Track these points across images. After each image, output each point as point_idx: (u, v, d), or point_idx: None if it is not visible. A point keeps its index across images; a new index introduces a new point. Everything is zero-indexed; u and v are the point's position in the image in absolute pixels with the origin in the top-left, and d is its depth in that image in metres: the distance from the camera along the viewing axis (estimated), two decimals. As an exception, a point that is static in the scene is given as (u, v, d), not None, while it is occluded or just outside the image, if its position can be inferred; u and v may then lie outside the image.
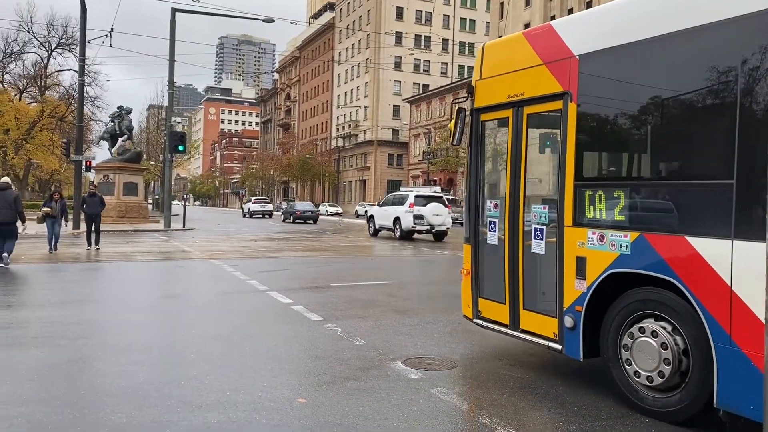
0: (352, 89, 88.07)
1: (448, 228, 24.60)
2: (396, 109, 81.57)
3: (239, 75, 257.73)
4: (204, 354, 6.39)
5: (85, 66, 31.40)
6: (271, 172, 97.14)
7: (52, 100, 47.64)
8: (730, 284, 4.13)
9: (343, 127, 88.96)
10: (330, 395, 5.12)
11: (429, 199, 24.87)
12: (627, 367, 4.90)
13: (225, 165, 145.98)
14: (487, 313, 6.40)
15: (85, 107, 33.41)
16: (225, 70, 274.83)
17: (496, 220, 6.29)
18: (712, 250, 4.24)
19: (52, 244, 16.94)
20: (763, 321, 3.48)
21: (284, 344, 6.92)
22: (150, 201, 56.61)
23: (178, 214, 34.63)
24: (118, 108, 37.12)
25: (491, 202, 6.45)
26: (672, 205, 4.65)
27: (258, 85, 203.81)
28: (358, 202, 72.45)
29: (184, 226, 31.05)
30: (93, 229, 18.30)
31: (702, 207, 4.42)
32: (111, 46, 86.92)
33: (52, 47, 47.47)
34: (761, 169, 3.90)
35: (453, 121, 6.68)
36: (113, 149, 36.26)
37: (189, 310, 9.33)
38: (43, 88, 48.45)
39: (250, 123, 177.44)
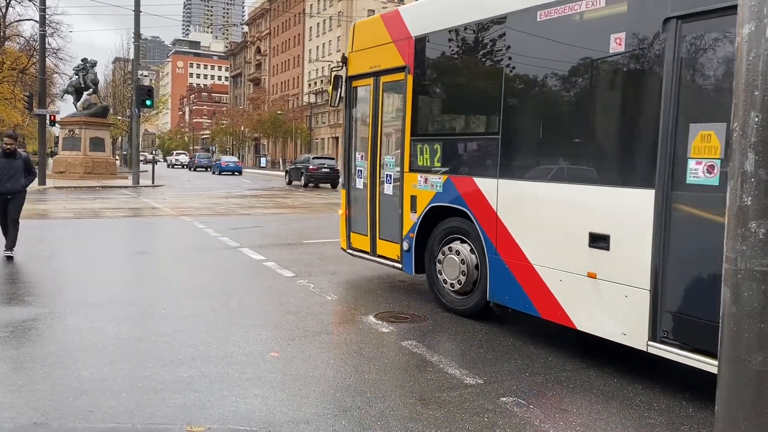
0: (324, 43, 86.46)
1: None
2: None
3: (207, 27, 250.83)
4: (175, 310, 6.38)
5: (46, 16, 30.23)
6: (242, 129, 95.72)
7: (12, 52, 45.90)
8: (496, 211, 5.64)
9: (315, 83, 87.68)
10: (302, 349, 5.18)
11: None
12: (440, 276, 6.46)
13: (194, 120, 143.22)
14: (356, 244, 7.90)
15: (47, 59, 32.27)
16: (193, 22, 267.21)
17: (362, 169, 7.73)
18: (487, 186, 5.74)
19: None
20: (513, 236, 5.48)
21: (256, 300, 6.94)
22: (117, 157, 55.52)
23: (147, 171, 34.11)
24: (82, 61, 35.95)
25: (359, 154, 7.83)
26: (465, 153, 6.29)
27: (227, 38, 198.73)
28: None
29: (153, 182, 30.61)
30: (7, 218, 9.19)
31: (481, 154, 5.98)
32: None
33: (11, -5, 45.48)
34: (515, 128, 5.52)
35: (331, 86, 8.04)
36: (78, 103, 35.27)
37: (160, 267, 9.28)
38: (2, 39, 46.65)
39: (220, 77, 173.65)
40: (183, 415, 3.83)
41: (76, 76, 35.73)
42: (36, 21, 32.49)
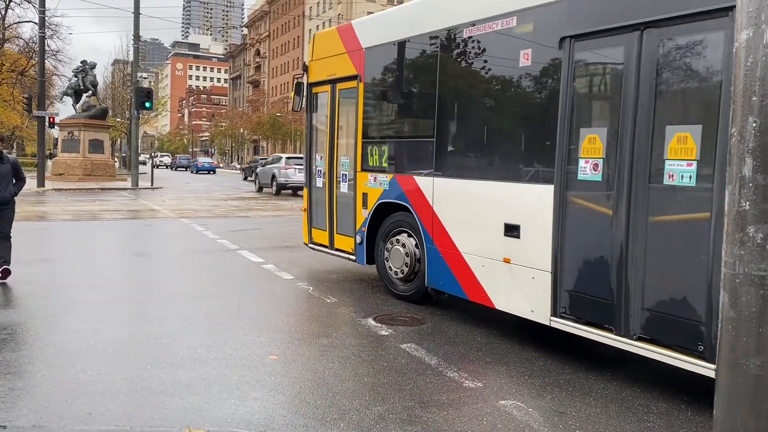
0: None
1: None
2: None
3: (207, 30, 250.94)
4: (174, 312, 6.38)
5: (46, 18, 30.25)
6: (241, 131, 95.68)
7: (11, 54, 45.90)
8: (432, 206, 6.32)
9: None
10: (301, 352, 5.18)
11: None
12: (387, 264, 7.16)
13: (193, 122, 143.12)
14: (317, 239, 8.54)
15: (47, 61, 32.29)
16: (192, 24, 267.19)
17: (322, 169, 8.32)
18: (424, 184, 6.43)
19: None
20: (445, 228, 6.16)
21: (255, 302, 6.94)
22: (116, 159, 55.50)
23: (146, 173, 34.09)
24: (81, 62, 35.93)
25: (319, 156, 8.45)
26: (407, 155, 6.90)
27: (226, 41, 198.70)
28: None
29: (152, 184, 30.60)
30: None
31: (420, 156, 6.61)
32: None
33: (10, -3, 45.46)
34: (447, 132, 6.26)
35: (293, 92, 8.78)
36: (77, 105, 35.23)
37: (159, 269, 9.28)
38: (1, 41, 46.64)
39: (219, 79, 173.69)
40: (182, 417, 3.83)
41: (76, 78, 35.70)
42: (35, 23, 32.50)
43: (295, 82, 8.79)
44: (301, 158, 32.09)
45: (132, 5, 30.32)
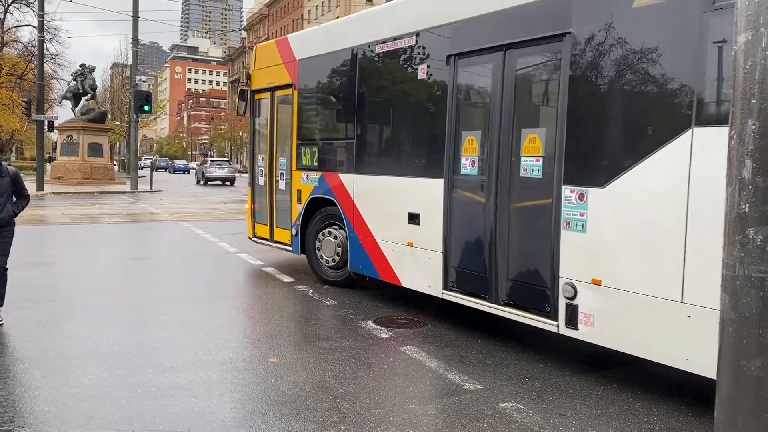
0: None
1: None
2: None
3: (206, 33, 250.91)
4: (174, 315, 6.38)
5: (45, 22, 30.25)
6: (240, 134, 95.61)
7: (10, 58, 45.90)
8: (354, 199, 7.15)
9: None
10: (301, 355, 5.18)
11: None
12: (319, 253, 7.94)
13: (192, 126, 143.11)
14: (259, 233, 9.33)
15: (45, 65, 32.26)
16: (191, 27, 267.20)
17: (263, 168, 9.14)
18: (347, 180, 7.25)
19: None
20: (364, 218, 7.02)
21: (255, 305, 6.94)
22: (116, 162, 55.45)
23: (145, 176, 34.07)
24: (80, 66, 35.90)
25: (261, 156, 9.29)
26: (333, 155, 7.66)
27: (225, 44, 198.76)
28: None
29: (151, 187, 30.58)
30: None
31: (343, 156, 7.41)
32: (71, 0, 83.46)
33: (9, 1, 45.50)
34: (363, 135, 7.12)
35: (238, 98, 9.77)
36: (76, 109, 35.19)
37: (159, 272, 9.28)
38: (0, 45, 46.65)
39: (218, 83, 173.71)
40: (183, 421, 3.83)
41: (75, 82, 35.67)
42: (34, 27, 32.51)
43: (239, 89, 9.81)
44: (221, 160, 44.43)
45: (131, 9, 30.33)
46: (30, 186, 9.26)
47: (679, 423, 3.99)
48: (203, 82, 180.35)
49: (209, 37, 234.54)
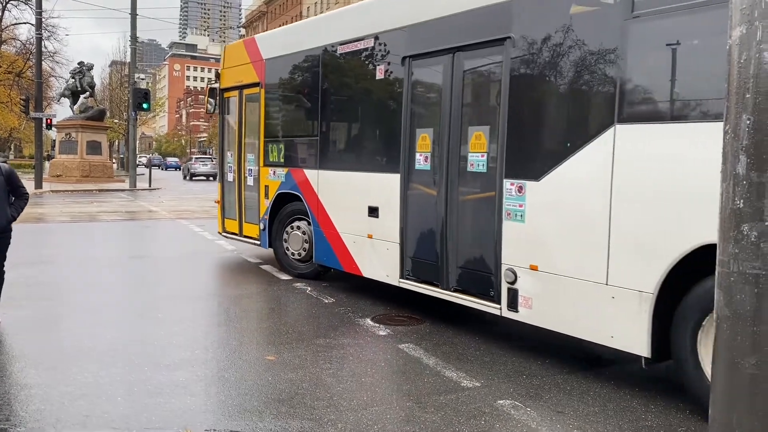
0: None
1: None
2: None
3: (204, 30, 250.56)
4: (172, 313, 6.37)
5: (42, 19, 30.18)
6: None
7: (8, 55, 45.79)
8: (318, 194, 7.44)
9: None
10: (299, 352, 5.17)
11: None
12: (286, 245, 8.25)
13: (191, 123, 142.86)
14: (229, 227, 9.59)
15: (44, 63, 32.20)
16: (190, 25, 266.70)
17: (232, 165, 9.39)
18: (312, 176, 7.55)
19: None
20: (327, 212, 7.30)
21: (253, 303, 6.93)
22: (114, 160, 55.37)
23: (143, 174, 34.05)
24: (78, 64, 35.82)
25: (229, 153, 9.52)
26: (298, 151, 7.95)
27: (224, 41, 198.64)
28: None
29: (150, 185, 30.56)
30: None
31: (308, 152, 7.69)
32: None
33: (7, -1, 45.32)
34: (326, 132, 7.39)
35: (207, 97, 10.05)
36: (75, 107, 35.11)
37: (156, 271, 9.27)
38: (-2, 43, 46.53)
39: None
40: (180, 419, 3.82)
41: (73, 80, 35.59)
42: (32, 24, 32.42)
43: (209, 87, 10.12)
44: (205, 157, 46.05)
45: (129, 6, 30.26)
46: (28, 184, 9.26)
47: (676, 420, 3.99)
48: (202, 79, 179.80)
49: (208, 35, 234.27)
